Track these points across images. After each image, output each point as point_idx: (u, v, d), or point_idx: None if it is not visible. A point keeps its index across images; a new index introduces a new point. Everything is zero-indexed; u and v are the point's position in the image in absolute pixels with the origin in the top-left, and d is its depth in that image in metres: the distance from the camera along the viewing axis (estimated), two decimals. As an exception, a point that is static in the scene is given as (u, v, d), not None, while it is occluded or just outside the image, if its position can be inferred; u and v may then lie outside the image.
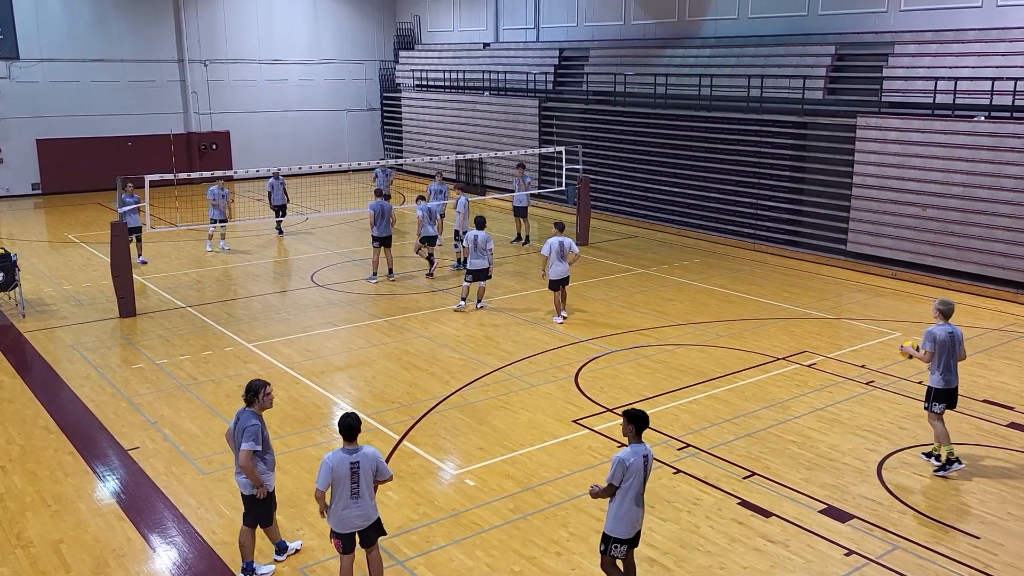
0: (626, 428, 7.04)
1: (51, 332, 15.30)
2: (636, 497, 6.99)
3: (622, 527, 7.04)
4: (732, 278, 18.88)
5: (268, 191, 23.23)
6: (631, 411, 7.07)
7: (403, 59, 36.90)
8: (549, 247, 15.42)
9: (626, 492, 6.95)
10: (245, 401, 7.71)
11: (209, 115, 33.86)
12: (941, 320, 10.04)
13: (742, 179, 22.42)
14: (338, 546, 7.32)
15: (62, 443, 10.85)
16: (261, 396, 7.68)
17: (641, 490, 7.03)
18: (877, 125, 19.17)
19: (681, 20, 25.95)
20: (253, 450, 7.51)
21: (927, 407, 10.04)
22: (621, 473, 6.91)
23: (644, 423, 7.01)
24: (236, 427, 7.66)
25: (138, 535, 8.72)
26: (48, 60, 30.38)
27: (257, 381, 7.77)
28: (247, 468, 7.52)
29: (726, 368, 13.26)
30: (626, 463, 6.89)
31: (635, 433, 7.01)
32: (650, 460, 7.06)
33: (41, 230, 25.00)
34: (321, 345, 14.51)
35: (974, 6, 19.30)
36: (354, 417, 7.17)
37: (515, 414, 11.57)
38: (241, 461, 7.50)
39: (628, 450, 6.97)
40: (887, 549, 8.33)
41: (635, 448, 6.98)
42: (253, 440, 7.50)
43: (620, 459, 6.92)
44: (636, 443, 7.01)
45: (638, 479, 6.95)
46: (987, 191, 17.43)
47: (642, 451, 6.99)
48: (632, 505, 6.99)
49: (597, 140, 26.42)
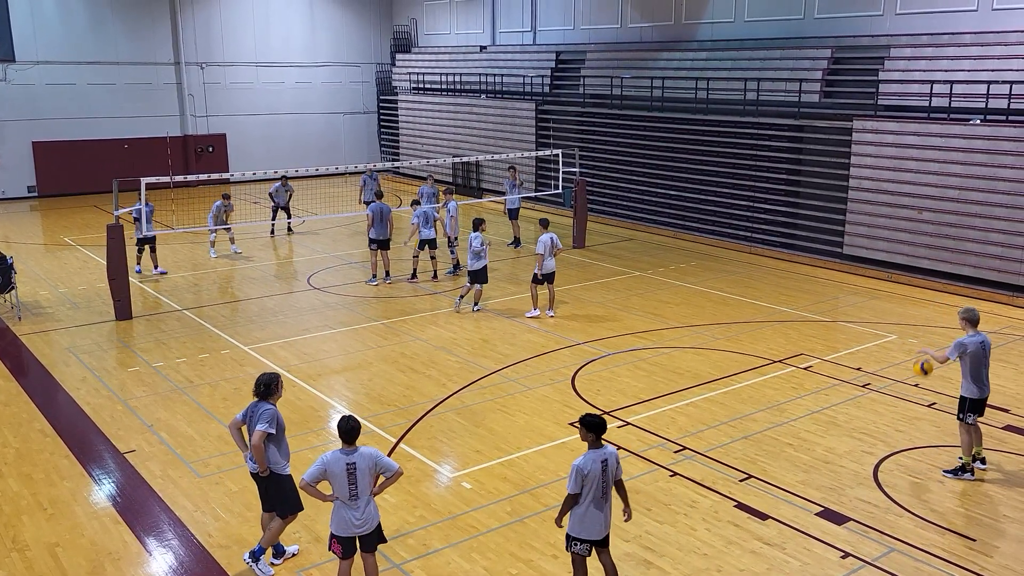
0: (585, 435, 7.13)
1: (47, 335, 15.28)
2: (596, 501, 7.08)
3: (587, 530, 7.16)
4: (729, 281, 18.90)
5: (271, 193, 23.45)
6: (587, 418, 7.13)
7: (400, 62, 36.92)
8: (543, 245, 15.71)
9: (586, 496, 7.06)
10: (259, 395, 7.76)
11: (206, 118, 33.85)
12: (970, 329, 9.73)
13: (738, 182, 22.46)
14: (337, 551, 7.31)
15: (58, 446, 10.83)
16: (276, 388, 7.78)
17: (602, 492, 7.09)
18: (873, 128, 19.21)
19: (677, 23, 26.01)
20: (268, 432, 7.57)
21: (960, 417, 9.82)
22: (580, 481, 7.01)
23: (602, 428, 7.10)
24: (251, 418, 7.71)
25: (134, 538, 8.70)
26: (44, 62, 30.36)
27: (271, 374, 7.86)
28: (258, 449, 7.54)
29: (723, 371, 13.27)
30: (584, 471, 6.98)
31: (595, 439, 7.09)
32: (611, 462, 7.11)
33: (37, 233, 24.97)
34: (318, 348, 14.50)
35: (970, 10, 19.37)
36: (354, 420, 7.16)
37: (512, 417, 11.57)
38: (254, 440, 7.54)
39: (584, 457, 7.05)
40: (884, 551, 8.34)
41: (593, 454, 7.05)
42: (268, 423, 7.56)
43: (577, 467, 7.01)
44: (595, 448, 7.08)
45: (597, 484, 7.03)
46: (982, 194, 17.48)
47: (600, 456, 7.06)
48: (593, 509, 7.09)
49: (594, 143, 26.45)
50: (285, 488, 7.87)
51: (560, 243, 16.14)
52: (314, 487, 7.11)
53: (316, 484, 7.11)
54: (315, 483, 7.09)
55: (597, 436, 7.09)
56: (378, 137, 38.02)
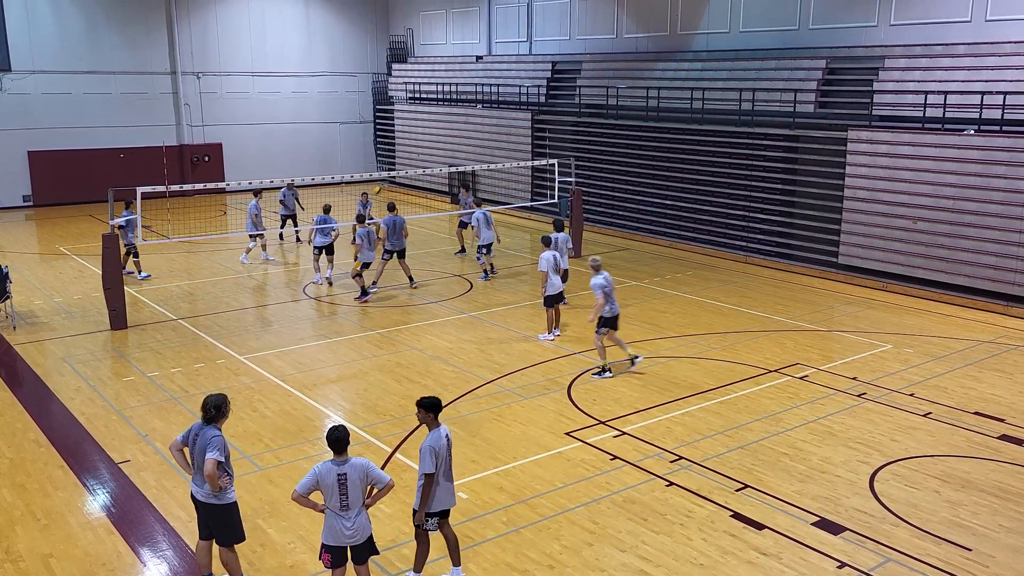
0: (425, 416, 7.56)
1: (42, 344, 15.23)
2: (445, 473, 7.65)
3: (441, 502, 7.65)
4: (724, 290, 18.92)
5: (280, 199, 23.44)
6: (425, 400, 7.56)
7: (396, 72, 36.99)
8: (545, 262, 15.05)
9: (438, 473, 7.56)
10: (208, 419, 7.51)
11: (202, 127, 33.86)
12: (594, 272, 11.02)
13: (734, 192, 22.51)
14: (327, 560, 7.28)
15: (52, 456, 10.78)
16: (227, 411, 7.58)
17: (448, 466, 7.66)
18: (868, 138, 19.28)
19: (673, 34, 26.10)
20: (219, 460, 7.35)
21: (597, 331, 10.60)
22: (433, 459, 7.46)
23: (439, 408, 7.60)
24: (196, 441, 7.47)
25: (128, 549, 8.66)
26: (40, 72, 30.38)
27: (219, 395, 7.64)
28: (212, 477, 7.32)
29: (718, 380, 13.27)
30: (435, 449, 7.46)
31: (433, 419, 7.59)
32: (450, 438, 7.68)
33: (32, 242, 24.92)
34: (313, 357, 14.48)
35: (963, 21, 19.47)
36: (342, 430, 7.15)
37: (508, 426, 11.55)
38: (208, 469, 7.29)
39: (431, 437, 7.50)
40: (880, 561, 8.33)
41: (436, 432, 7.55)
42: (219, 451, 7.35)
43: (429, 447, 7.45)
44: (435, 427, 7.58)
45: (445, 458, 7.60)
46: (977, 204, 17.54)
47: (443, 432, 7.60)
48: (444, 482, 7.64)
49: (589, 153, 26.50)
50: (234, 515, 7.70)
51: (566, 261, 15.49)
52: (306, 498, 7.08)
53: (308, 495, 7.09)
54: (307, 494, 7.07)
55: (435, 416, 7.58)
56: (374, 147, 38.06)
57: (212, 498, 7.52)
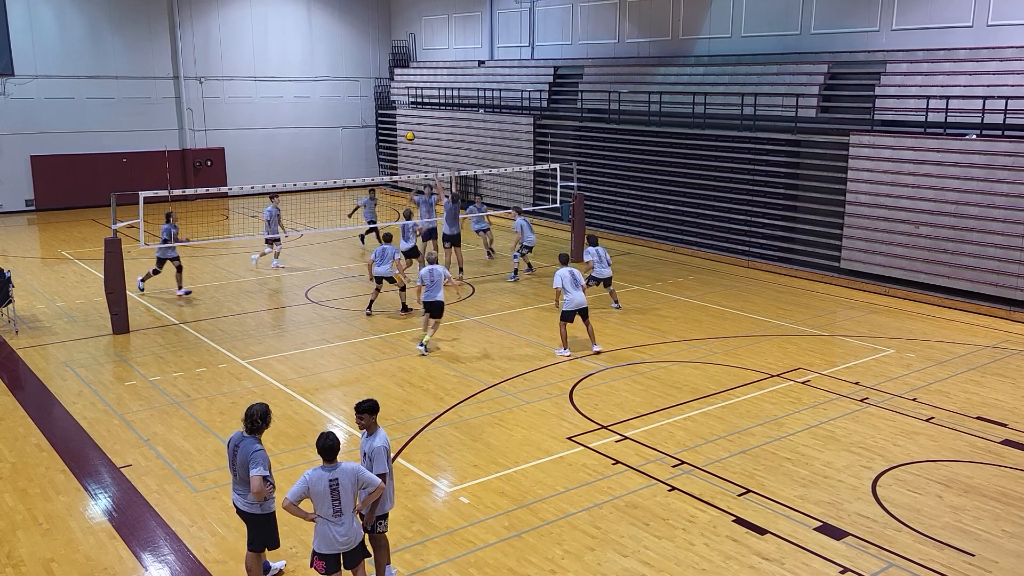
0: (368, 420, 7.68)
1: (44, 349, 15.24)
2: (391, 473, 7.84)
3: (392, 499, 7.93)
4: (726, 295, 18.91)
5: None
6: (365, 404, 7.68)
7: (398, 76, 37.04)
8: (560, 279, 14.59)
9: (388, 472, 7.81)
10: (252, 429, 7.55)
11: (204, 132, 33.92)
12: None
13: (736, 196, 22.51)
14: (320, 568, 7.26)
15: (54, 461, 10.78)
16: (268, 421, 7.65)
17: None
18: (870, 143, 19.28)
19: (675, 38, 26.13)
20: (264, 475, 7.40)
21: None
22: (387, 457, 7.70)
23: (377, 409, 7.76)
24: (237, 453, 7.53)
25: (130, 554, 8.66)
26: (43, 76, 30.44)
27: (262, 405, 7.69)
28: (259, 493, 7.36)
29: (720, 385, 13.26)
30: (386, 447, 7.70)
31: (374, 421, 7.77)
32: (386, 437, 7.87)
33: (35, 246, 24.96)
34: (315, 362, 14.48)
35: (965, 25, 19.48)
36: (332, 437, 7.14)
37: (509, 431, 11.55)
38: (254, 487, 7.33)
39: (380, 439, 7.69)
40: (882, 567, 8.32)
41: (382, 433, 7.76)
42: (263, 466, 7.40)
43: (383, 448, 7.65)
44: (376, 429, 7.77)
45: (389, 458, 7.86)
46: (979, 208, 17.52)
47: (383, 432, 7.80)
48: (391, 482, 7.87)
49: (591, 157, 26.51)
50: (273, 523, 7.84)
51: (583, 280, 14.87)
52: (297, 506, 7.06)
53: (299, 503, 7.07)
54: (298, 502, 7.05)
55: (375, 416, 7.77)
56: (376, 151, 38.10)
57: (256, 508, 7.66)
